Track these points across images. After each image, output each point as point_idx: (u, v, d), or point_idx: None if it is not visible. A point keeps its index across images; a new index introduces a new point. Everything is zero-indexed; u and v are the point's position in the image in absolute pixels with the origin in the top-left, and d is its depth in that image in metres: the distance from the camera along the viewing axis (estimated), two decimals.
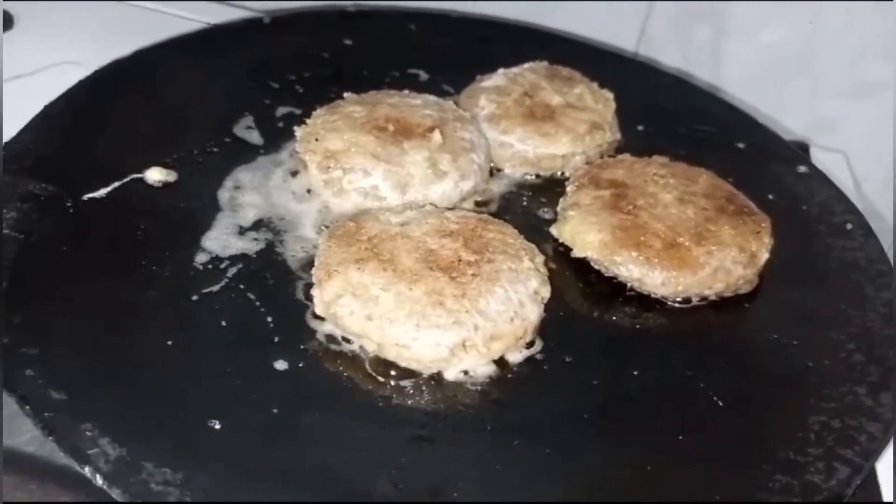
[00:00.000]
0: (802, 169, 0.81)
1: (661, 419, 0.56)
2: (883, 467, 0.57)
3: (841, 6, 0.96)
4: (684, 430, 0.55)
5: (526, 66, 0.87)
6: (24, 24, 1.01)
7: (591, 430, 0.55)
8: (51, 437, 0.47)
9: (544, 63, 0.88)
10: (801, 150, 0.88)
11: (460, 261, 0.60)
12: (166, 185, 0.70)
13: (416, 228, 0.63)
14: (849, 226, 0.74)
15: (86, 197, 0.67)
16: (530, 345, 0.61)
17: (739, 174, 0.77)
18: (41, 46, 0.96)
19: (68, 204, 0.66)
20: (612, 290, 0.67)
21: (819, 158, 0.94)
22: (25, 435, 0.52)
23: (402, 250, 0.61)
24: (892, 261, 0.71)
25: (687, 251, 0.65)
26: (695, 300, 0.66)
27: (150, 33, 0.91)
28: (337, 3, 1.10)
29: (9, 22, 1.00)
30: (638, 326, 0.64)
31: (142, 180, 0.70)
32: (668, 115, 0.87)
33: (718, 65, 1.03)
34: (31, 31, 1.00)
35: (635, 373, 0.60)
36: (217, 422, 0.51)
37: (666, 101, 0.90)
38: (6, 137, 0.71)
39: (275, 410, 0.53)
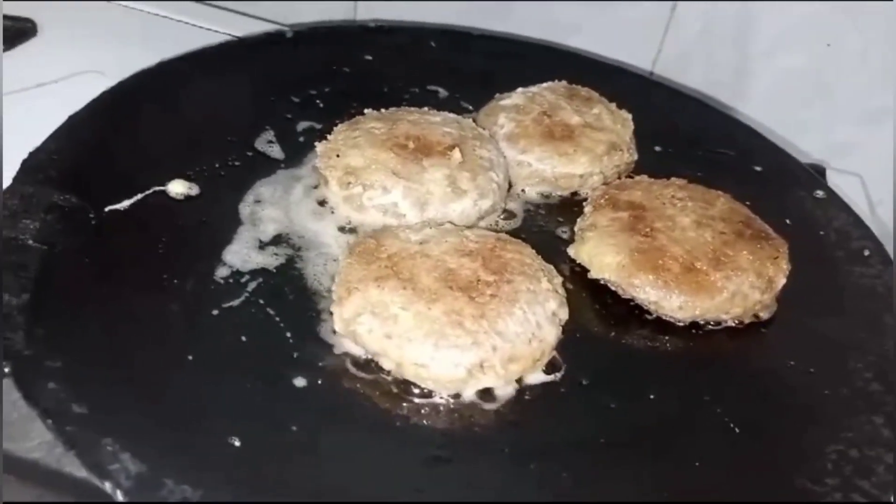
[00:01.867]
0: (820, 194, 0.81)
1: (677, 445, 0.56)
2: None
3: (859, 32, 0.96)
4: (701, 456, 0.55)
5: (545, 85, 0.87)
6: (48, 32, 1.02)
7: (607, 456, 0.55)
8: (73, 452, 0.48)
9: (563, 82, 0.89)
10: (817, 174, 0.88)
11: (479, 281, 0.61)
12: (188, 198, 0.71)
13: (435, 247, 0.64)
14: (866, 252, 0.74)
15: (108, 209, 0.67)
16: (548, 367, 0.61)
17: (757, 198, 0.77)
18: (64, 55, 0.98)
19: (91, 216, 0.66)
20: (629, 313, 0.67)
21: (835, 182, 0.94)
22: (34, 440, 0.52)
23: (422, 269, 0.61)
24: None
25: (705, 276, 0.65)
26: (712, 325, 0.66)
27: (173, 43, 0.92)
28: (358, 19, 1.11)
29: (32, 30, 1.01)
30: (655, 350, 0.65)
31: (164, 193, 0.71)
32: (686, 137, 0.88)
33: (736, 87, 1.03)
34: (54, 40, 1.01)
35: (652, 397, 0.60)
36: (237, 438, 0.51)
37: (683, 123, 0.90)
38: (30, 146, 0.71)
39: (294, 428, 0.53)
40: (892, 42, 0.95)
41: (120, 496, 0.46)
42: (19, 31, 1.00)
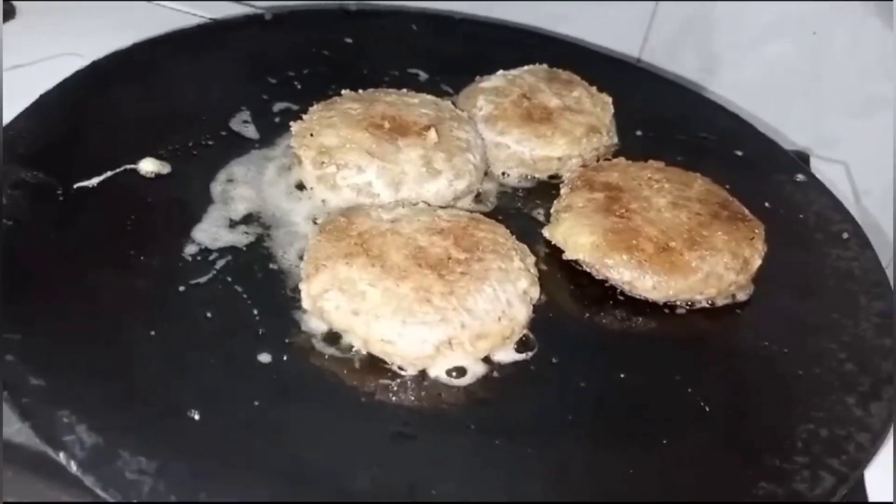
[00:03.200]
0: (800, 178, 0.81)
1: (646, 423, 0.56)
2: (873, 476, 0.56)
3: (847, 22, 0.96)
4: (669, 434, 0.55)
5: (525, 68, 0.87)
6: (27, 15, 1.01)
7: (574, 432, 0.55)
8: (27, 423, 0.47)
9: (544, 66, 0.88)
10: (800, 160, 0.88)
11: (450, 259, 0.60)
12: (159, 176, 0.70)
13: (406, 225, 0.63)
14: (845, 235, 0.73)
15: (77, 185, 0.66)
16: (518, 345, 0.60)
17: (737, 181, 0.76)
18: (42, 37, 0.97)
19: (59, 192, 0.66)
20: (604, 293, 0.66)
21: (819, 168, 0.93)
22: (16, 425, 0.51)
23: (392, 247, 0.60)
24: (890, 275, 0.71)
25: (679, 255, 0.64)
26: (686, 306, 0.65)
27: (154, 27, 0.91)
28: (340, 1, 1.10)
29: (10, 12, 1.00)
30: (628, 330, 0.64)
31: (135, 171, 0.70)
32: (668, 122, 0.87)
33: (722, 75, 1.03)
34: (32, 22, 1.00)
35: (622, 376, 0.59)
36: (196, 412, 0.51)
37: (666, 108, 0.90)
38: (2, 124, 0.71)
39: (256, 403, 0.52)
40: (881, 32, 0.95)
41: (74, 467, 0.45)
42: None
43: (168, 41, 0.87)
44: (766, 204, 0.76)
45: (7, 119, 0.71)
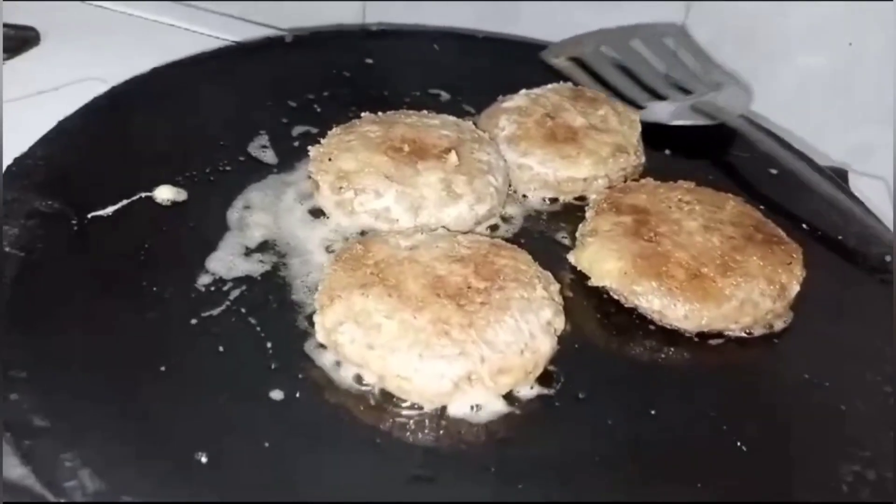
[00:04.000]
0: (840, 196, 0.77)
1: (679, 465, 0.53)
2: None
3: (881, 31, 0.92)
4: (704, 477, 0.51)
5: (549, 86, 0.84)
6: (51, 40, 1.02)
7: (602, 476, 0.52)
8: (28, 468, 0.45)
9: (569, 84, 0.86)
10: (838, 178, 0.84)
11: (469, 288, 0.58)
12: (175, 203, 0.69)
13: (425, 253, 0.61)
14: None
15: (91, 215, 0.65)
16: (542, 379, 0.57)
17: (772, 202, 0.73)
18: (66, 63, 0.97)
19: (73, 222, 0.65)
20: (632, 322, 0.63)
21: (858, 185, 0.90)
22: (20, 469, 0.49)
23: (409, 276, 0.58)
24: None
25: (711, 282, 0.61)
26: (720, 335, 0.62)
27: (176, 50, 0.91)
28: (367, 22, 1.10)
29: (35, 39, 1.01)
30: (658, 362, 0.61)
31: (151, 199, 0.69)
32: (698, 139, 0.84)
33: (754, 88, 0.99)
34: (56, 48, 1.01)
35: (653, 412, 0.56)
36: (204, 454, 0.49)
37: (696, 125, 0.86)
38: (20, 152, 0.70)
39: (266, 444, 0.50)
40: None
41: None
42: (23, 39, 1.00)
43: (187, 65, 0.86)
44: (804, 225, 0.73)
45: (26, 146, 0.71)
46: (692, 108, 0.85)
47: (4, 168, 0.67)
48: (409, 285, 0.57)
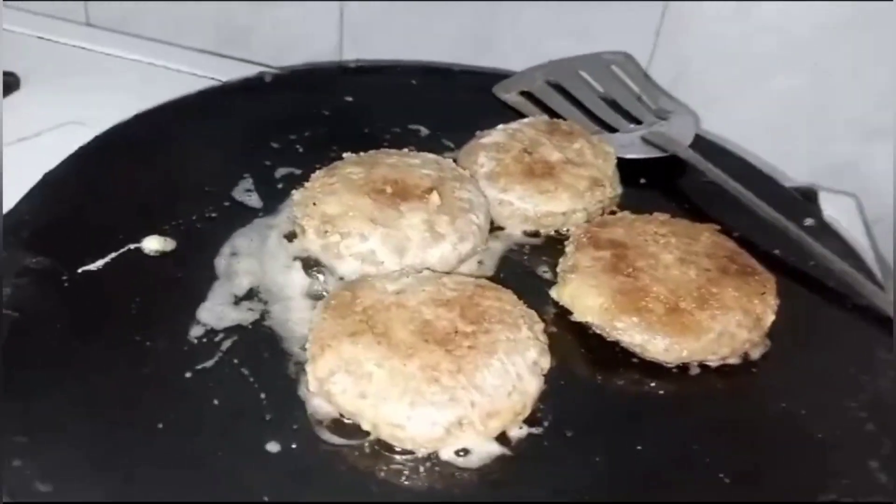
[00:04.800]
0: (809, 221, 0.80)
1: (664, 499, 0.55)
2: None
3: (849, 54, 0.95)
4: None
5: (525, 120, 0.87)
6: (31, 85, 1.02)
7: None
8: None
9: (544, 117, 0.88)
10: (808, 199, 0.87)
11: (457, 332, 0.59)
12: (163, 254, 0.70)
13: (412, 297, 0.62)
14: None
15: (81, 269, 0.66)
16: (531, 418, 0.59)
17: (745, 228, 0.76)
18: (46, 107, 0.98)
19: (64, 277, 0.66)
20: (616, 356, 0.65)
21: (829, 204, 0.93)
22: None
23: (397, 322, 0.60)
24: None
25: (690, 316, 0.63)
26: (700, 366, 0.64)
27: (158, 89, 0.92)
28: (344, 59, 1.11)
29: (14, 84, 1.01)
30: (642, 395, 0.63)
31: (139, 250, 0.70)
32: (670, 167, 0.86)
33: (722, 113, 1.02)
34: (36, 93, 1.01)
35: (638, 448, 0.58)
36: None
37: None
38: (9, 202, 0.71)
39: (265, 498, 0.52)
40: (887, 62, 0.94)
41: None
42: (3, 85, 1.00)
43: (169, 110, 0.87)
44: (776, 251, 0.75)
45: (15, 198, 0.72)
46: (642, 139, 0.88)
47: None
48: (397, 332, 0.59)
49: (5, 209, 0.71)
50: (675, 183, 0.86)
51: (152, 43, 1.14)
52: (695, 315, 0.64)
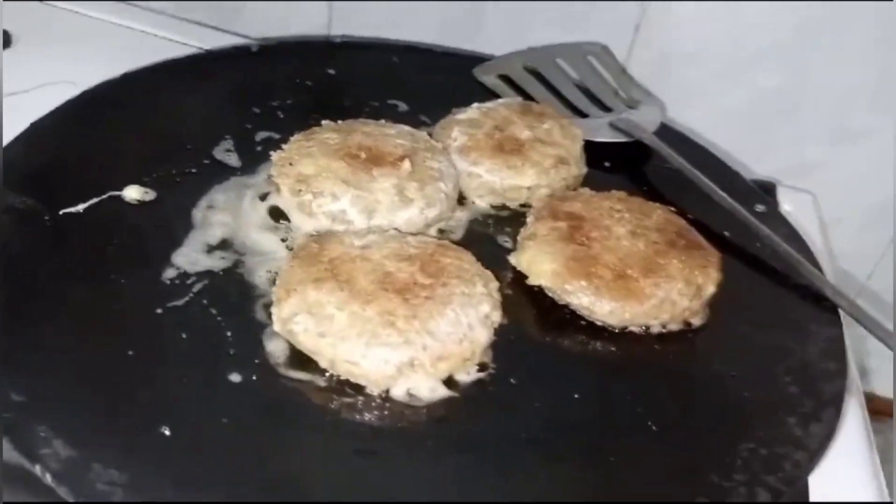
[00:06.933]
0: (760, 208, 0.84)
1: (594, 441, 0.59)
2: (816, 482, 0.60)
3: (828, 53, 1.00)
4: (616, 451, 0.58)
5: (500, 101, 0.91)
6: (24, 43, 1.05)
7: (527, 448, 0.58)
8: (6, 437, 0.50)
9: (518, 99, 0.92)
10: (762, 190, 0.91)
11: (415, 284, 0.63)
12: (143, 203, 0.73)
13: (376, 252, 0.66)
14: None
15: (63, 212, 0.70)
16: (480, 367, 0.63)
17: (699, 211, 0.80)
18: (38, 65, 1.00)
19: (46, 218, 0.69)
20: (565, 318, 0.69)
21: (787, 199, 0.97)
22: None
23: (360, 272, 0.63)
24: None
25: (635, 282, 0.68)
26: (641, 330, 0.69)
27: (146, 56, 0.95)
28: (327, 34, 1.15)
29: (7, 41, 1.04)
30: (586, 353, 0.67)
31: (120, 198, 0.73)
32: (636, 153, 0.90)
33: (698, 105, 1.06)
34: (29, 51, 1.04)
35: (576, 396, 0.62)
36: (167, 428, 0.53)
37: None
38: None
39: (224, 420, 0.55)
40: (859, 63, 0.98)
41: (48, 479, 0.48)
42: None
43: (157, 71, 0.91)
44: (726, 233, 0.79)
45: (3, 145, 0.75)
46: (610, 125, 0.92)
47: None
48: (359, 280, 0.63)
49: None
50: (639, 167, 0.90)
51: (146, 12, 1.17)
52: (639, 282, 0.68)
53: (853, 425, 0.67)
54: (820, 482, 0.60)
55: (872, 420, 0.71)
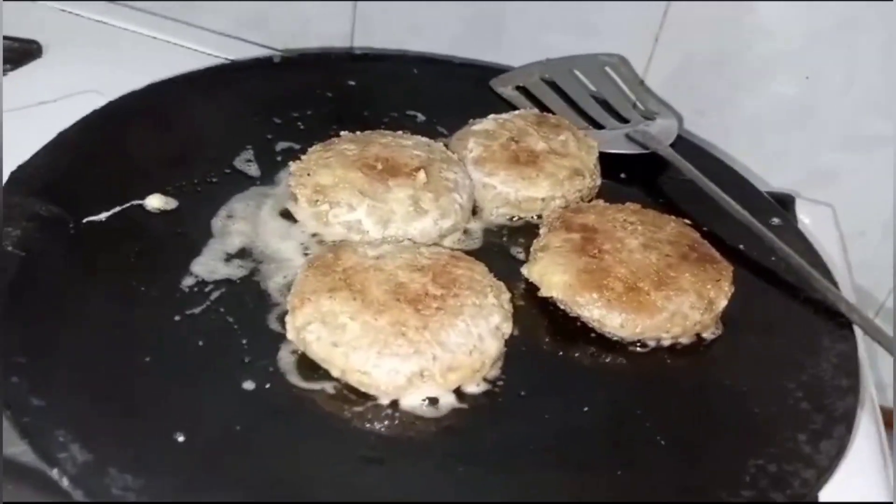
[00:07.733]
0: (776, 221, 0.84)
1: (602, 453, 0.59)
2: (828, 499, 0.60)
3: (841, 63, 0.99)
4: (624, 465, 0.58)
5: (516, 112, 0.91)
6: (52, 53, 1.08)
7: (534, 459, 0.58)
8: (25, 440, 0.52)
9: (534, 110, 0.93)
10: (779, 203, 0.91)
11: (427, 294, 0.64)
12: (164, 212, 0.75)
13: (389, 262, 0.67)
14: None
15: (86, 220, 0.71)
16: (489, 378, 0.64)
17: (714, 224, 0.80)
18: (65, 75, 1.02)
19: (70, 225, 0.71)
20: (576, 330, 0.70)
21: (806, 212, 0.97)
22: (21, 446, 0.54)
23: (374, 282, 0.64)
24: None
25: (646, 295, 0.68)
26: (653, 343, 0.69)
27: (171, 66, 0.97)
28: (349, 45, 1.16)
29: (37, 51, 1.07)
30: (596, 365, 0.67)
31: (142, 206, 0.75)
32: (652, 165, 0.90)
33: (714, 117, 1.06)
34: (57, 61, 1.06)
35: (586, 409, 0.62)
36: (182, 434, 0.55)
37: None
38: (22, 160, 0.76)
39: (238, 427, 0.57)
40: (879, 72, 0.98)
41: (65, 482, 0.50)
42: (25, 51, 1.05)
43: (181, 81, 0.92)
44: (741, 246, 0.79)
45: (28, 154, 0.77)
46: (626, 136, 0.92)
47: (7, 174, 0.73)
48: (372, 290, 0.63)
49: (21, 163, 0.76)
50: (654, 179, 0.90)
51: (171, 22, 1.19)
52: (651, 295, 0.68)
53: (866, 442, 0.66)
54: (832, 499, 0.60)
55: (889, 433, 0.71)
